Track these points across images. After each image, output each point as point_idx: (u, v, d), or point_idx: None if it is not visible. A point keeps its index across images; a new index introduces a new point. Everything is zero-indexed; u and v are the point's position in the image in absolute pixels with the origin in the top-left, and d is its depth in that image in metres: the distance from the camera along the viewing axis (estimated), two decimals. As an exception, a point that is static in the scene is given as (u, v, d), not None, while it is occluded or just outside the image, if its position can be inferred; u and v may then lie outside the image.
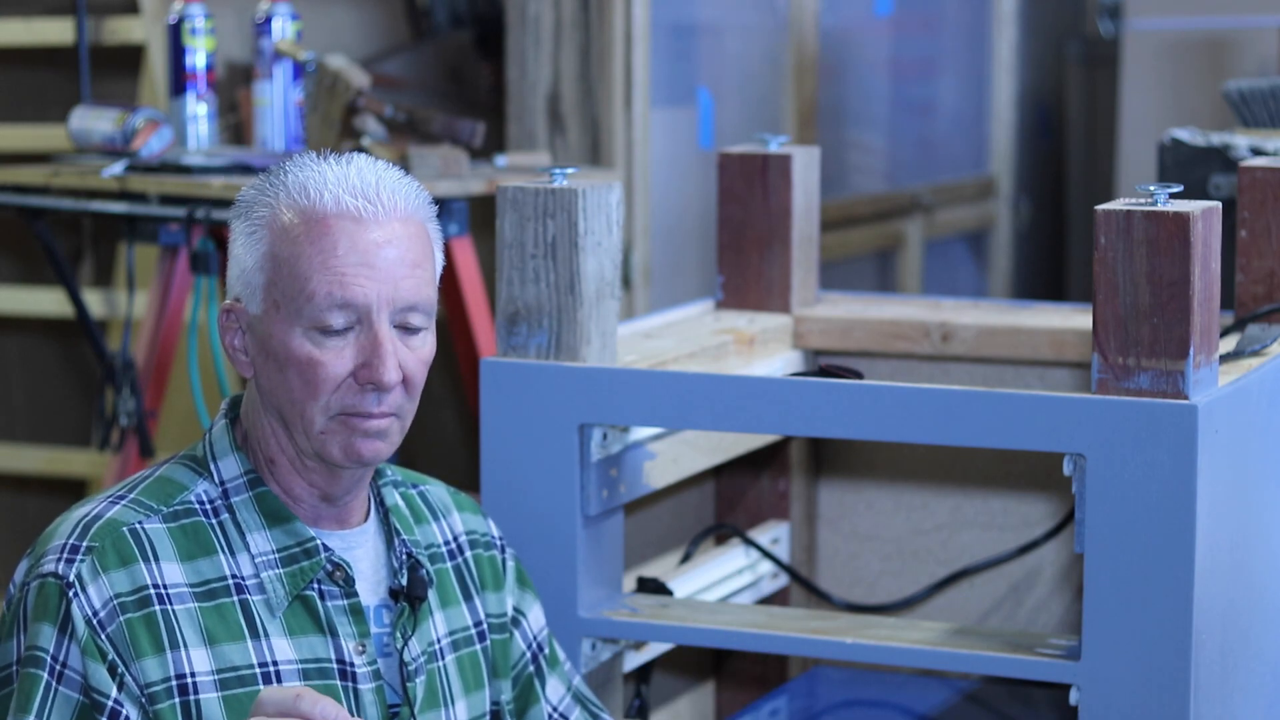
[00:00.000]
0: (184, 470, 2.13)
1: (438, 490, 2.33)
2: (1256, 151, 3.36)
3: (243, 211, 2.12)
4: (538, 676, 2.34)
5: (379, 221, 2.08)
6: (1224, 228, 2.41)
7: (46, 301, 4.60)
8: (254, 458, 2.14)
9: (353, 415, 2.08)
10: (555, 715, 2.35)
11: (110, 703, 1.99)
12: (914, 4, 6.12)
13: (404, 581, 2.17)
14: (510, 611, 2.33)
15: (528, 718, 2.33)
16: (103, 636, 2.00)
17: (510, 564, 2.35)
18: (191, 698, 2.01)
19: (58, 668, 2.00)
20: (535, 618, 2.36)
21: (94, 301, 4.42)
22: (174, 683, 2.01)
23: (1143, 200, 2.34)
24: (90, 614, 2.00)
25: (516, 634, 2.33)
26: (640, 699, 2.79)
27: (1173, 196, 2.34)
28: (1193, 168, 3.44)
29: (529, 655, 2.34)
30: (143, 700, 2.00)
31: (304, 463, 2.12)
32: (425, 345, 2.12)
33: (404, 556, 2.18)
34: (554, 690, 2.36)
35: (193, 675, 2.02)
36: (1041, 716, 2.85)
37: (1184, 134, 3.47)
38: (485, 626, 2.28)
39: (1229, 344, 2.62)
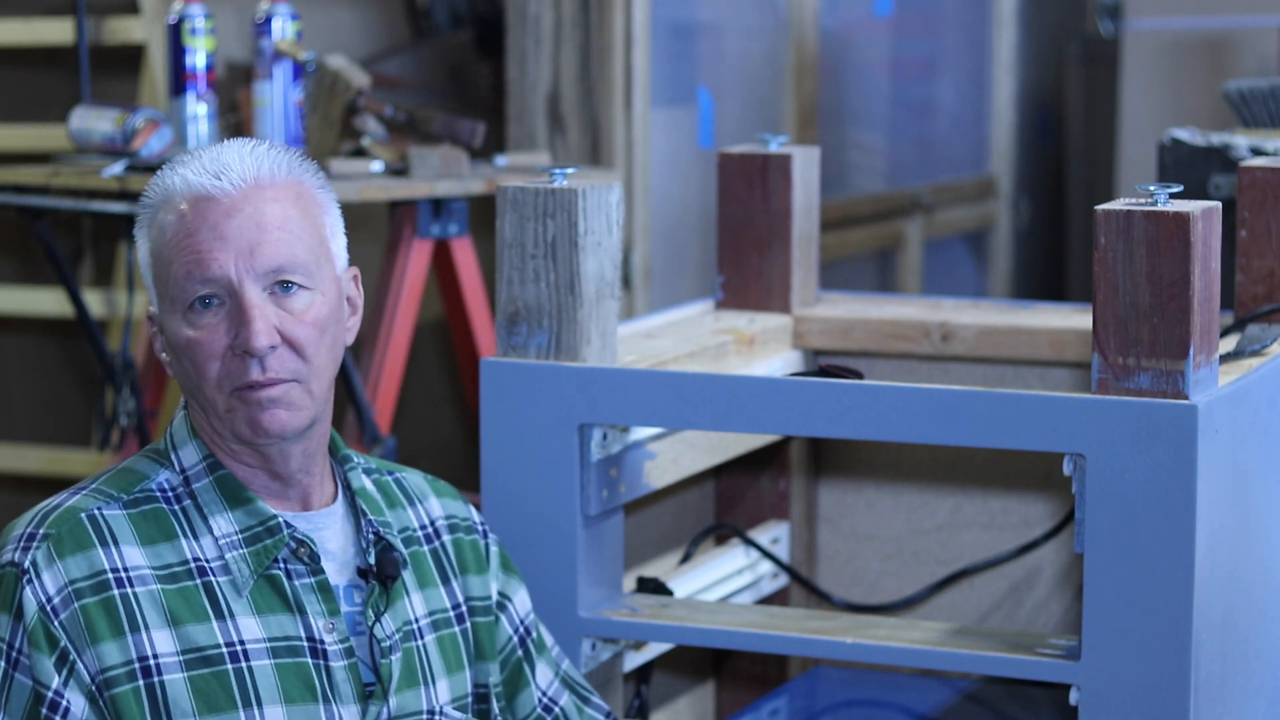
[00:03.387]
0: (146, 461, 2.16)
1: (414, 478, 2.34)
2: (1256, 151, 3.36)
3: (136, 220, 2.17)
4: (526, 661, 2.35)
5: (228, 193, 2.10)
6: (1224, 228, 2.41)
7: (46, 301, 4.60)
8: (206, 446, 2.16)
9: (244, 389, 2.09)
10: (545, 699, 2.36)
11: (50, 694, 2.00)
12: (914, 4, 6.12)
13: (371, 560, 2.17)
14: (495, 595, 2.33)
15: (518, 702, 2.34)
16: (55, 623, 2.01)
17: (494, 549, 2.36)
18: (156, 679, 2.02)
19: (14, 655, 2.02)
20: (521, 602, 2.37)
21: (94, 301, 4.42)
22: (136, 665, 2.02)
23: (1143, 200, 2.34)
24: (44, 600, 2.02)
25: (503, 618, 2.34)
26: (640, 699, 2.79)
27: (1173, 196, 2.34)
28: (1193, 168, 3.44)
29: (516, 640, 2.35)
30: (93, 688, 2.01)
31: (232, 447, 2.14)
32: (310, 306, 2.12)
33: (371, 536, 2.19)
34: (543, 675, 2.37)
35: (156, 657, 2.03)
36: (1041, 716, 2.85)
37: (1184, 134, 3.47)
38: (465, 609, 2.29)
39: (1229, 344, 2.62)
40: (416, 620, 2.22)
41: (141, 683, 2.02)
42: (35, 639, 2.01)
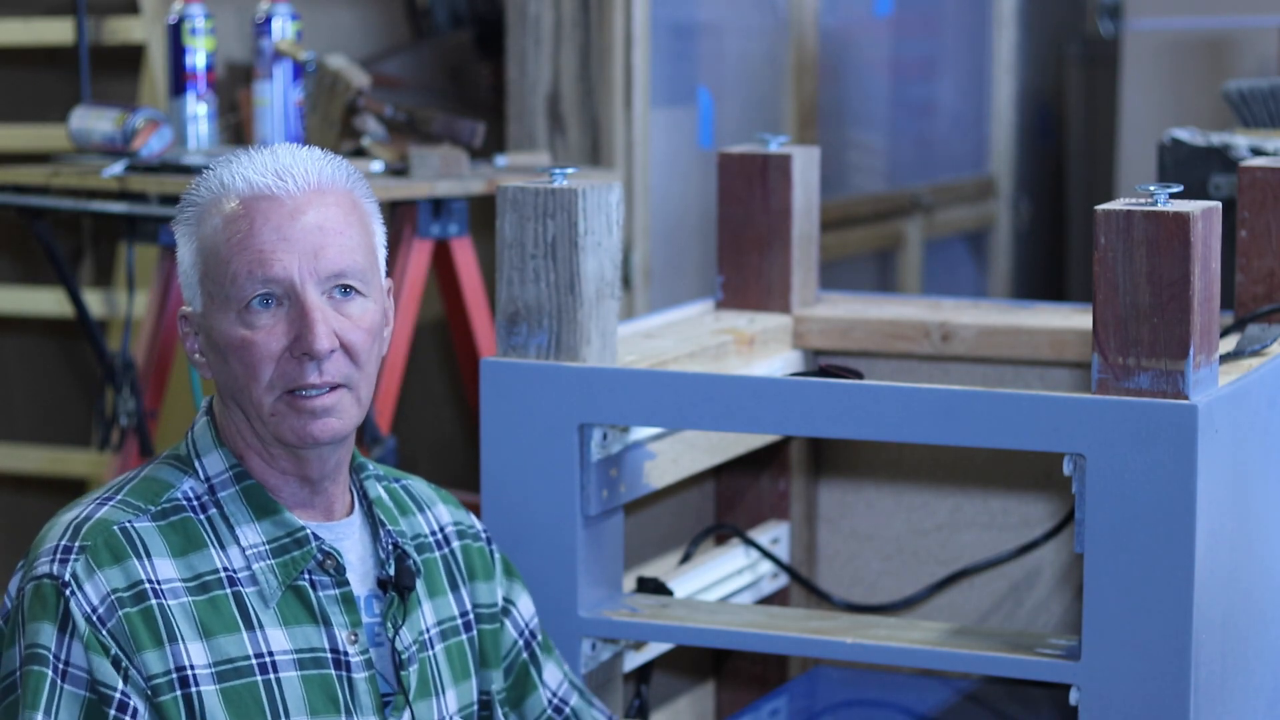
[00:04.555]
0: (169, 469, 2.15)
1: (419, 484, 2.35)
2: (1256, 151, 3.36)
3: (177, 218, 2.15)
4: (533, 663, 2.35)
5: (292, 195, 2.09)
6: (1224, 228, 2.41)
7: (46, 301, 4.60)
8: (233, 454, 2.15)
9: (297, 393, 2.09)
10: (555, 700, 2.36)
11: (118, 695, 2.00)
12: (914, 4, 6.12)
13: (391, 572, 2.18)
14: (500, 602, 2.34)
15: (526, 706, 2.35)
16: (104, 631, 2.01)
17: (497, 555, 2.36)
18: (192, 690, 2.03)
19: (61, 666, 2.01)
20: (525, 606, 2.37)
21: (94, 301, 4.42)
22: (174, 675, 2.03)
23: (1143, 200, 2.34)
24: (89, 610, 2.01)
25: (507, 623, 2.34)
26: (640, 699, 2.79)
27: (1173, 196, 2.34)
28: (1193, 168, 3.44)
29: (521, 644, 2.35)
30: (148, 692, 2.01)
31: (270, 451, 2.13)
32: (365, 313, 2.12)
33: (390, 547, 2.19)
34: (551, 676, 2.37)
35: (191, 668, 2.03)
36: (1041, 716, 2.85)
37: (1184, 134, 3.47)
38: (472, 617, 2.30)
39: (1229, 344, 2.62)
40: (428, 630, 2.23)
41: (179, 693, 2.02)
42: (91, 646, 2.01)
